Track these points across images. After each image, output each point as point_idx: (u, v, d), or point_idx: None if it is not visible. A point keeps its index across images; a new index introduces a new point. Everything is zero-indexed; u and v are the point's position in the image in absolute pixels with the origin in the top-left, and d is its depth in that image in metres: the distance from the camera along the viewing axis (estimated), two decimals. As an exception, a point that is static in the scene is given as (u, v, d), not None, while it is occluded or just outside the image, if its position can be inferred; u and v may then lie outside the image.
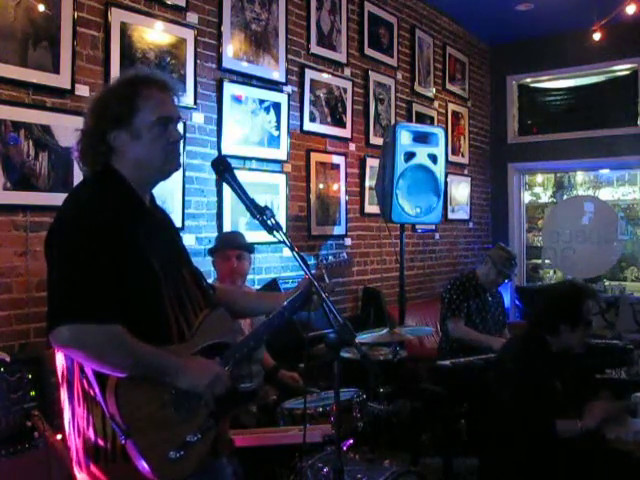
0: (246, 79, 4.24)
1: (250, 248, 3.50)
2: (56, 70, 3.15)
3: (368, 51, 5.43)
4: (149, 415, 1.61)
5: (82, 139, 1.80)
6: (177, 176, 3.60)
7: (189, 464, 1.65)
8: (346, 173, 5.16)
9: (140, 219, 1.76)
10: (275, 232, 1.79)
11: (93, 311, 1.56)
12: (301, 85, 4.70)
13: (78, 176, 3.24)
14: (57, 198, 3.14)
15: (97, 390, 1.61)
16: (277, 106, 4.44)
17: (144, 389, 1.62)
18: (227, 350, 1.83)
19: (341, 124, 5.10)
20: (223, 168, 1.84)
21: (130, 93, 1.76)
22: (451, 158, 6.57)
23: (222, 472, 1.88)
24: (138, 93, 1.76)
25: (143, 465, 1.56)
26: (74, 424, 1.69)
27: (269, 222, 1.78)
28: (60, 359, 1.74)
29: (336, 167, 5.06)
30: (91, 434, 1.63)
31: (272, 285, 4.20)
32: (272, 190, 4.41)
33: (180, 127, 1.89)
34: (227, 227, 4.07)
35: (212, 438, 1.74)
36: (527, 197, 8.14)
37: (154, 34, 3.62)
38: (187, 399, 1.68)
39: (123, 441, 1.57)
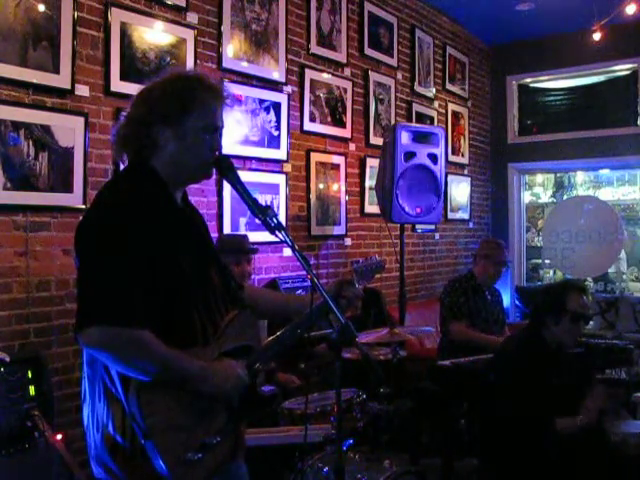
0: (246, 79, 4.24)
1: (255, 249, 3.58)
2: (56, 70, 3.15)
3: (368, 51, 5.43)
4: (170, 418, 1.61)
5: (127, 126, 1.77)
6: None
7: (207, 466, 1.65)
8: (346, 173, 5.16)
9: (170, 218, 1.74)
10: (277, 232, 1.77)
11: (124, 314, 1.55)
12: (301, 85, 4.70)
13: (78, 176, 3.25)
14: (57, 198, 3.16)
15: (119, 388, 1.61)
16: (277, 106, 4.43)
17: (166, 392, 1.62)
18: (251, 354, 1.83)
19: (341, 124, 5.10)
20: (225, 167, 1.84)
21: (186, 94, 1.75)
22: (451, 158, 6.57)
23: (239, 473, 1.88)
24: (194, 96, 1.75)
25: (161, 465, 1.56)
26: (93, 419, 1.69)
27: (271, 222, 1.77)
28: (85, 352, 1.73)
29: (336, 167, 5.06)
30: (110, 430, 1.63)
31: (272, 285, 4.20)
32: (272, 190, 4.41)
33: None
34: (227, 227, 4.06)
35: (232, 441, 1.75)
36: (527, 197, 8.13)
37: (154, 34, 3.61)
38: (209, 402, 1.68)
39: (142, 441, 1.57)
